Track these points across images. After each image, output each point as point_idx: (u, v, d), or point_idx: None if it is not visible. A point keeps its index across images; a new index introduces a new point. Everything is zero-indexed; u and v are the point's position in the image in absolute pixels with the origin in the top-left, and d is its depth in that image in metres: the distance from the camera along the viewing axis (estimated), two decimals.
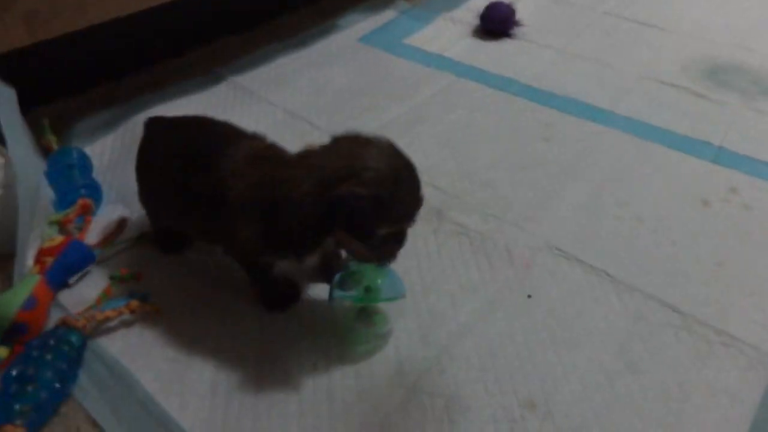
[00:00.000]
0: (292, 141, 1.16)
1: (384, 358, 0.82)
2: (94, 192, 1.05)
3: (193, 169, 0.81)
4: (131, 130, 1.23)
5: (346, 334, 0.85)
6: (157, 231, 0.98)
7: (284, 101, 1.35)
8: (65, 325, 0.79)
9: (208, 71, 1.45)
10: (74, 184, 1.03)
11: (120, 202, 1.08)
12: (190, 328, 0.86)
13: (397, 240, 0.78)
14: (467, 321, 0.87)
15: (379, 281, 0.83)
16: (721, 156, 1.22)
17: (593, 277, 0.95)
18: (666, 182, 1.15)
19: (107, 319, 0.83)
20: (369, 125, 1.28)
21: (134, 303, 0.85)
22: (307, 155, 0.77)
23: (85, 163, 1.10)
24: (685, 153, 1.22)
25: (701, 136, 1.27)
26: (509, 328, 0.86)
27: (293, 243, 0.77)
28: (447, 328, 0.86)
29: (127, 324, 0.86)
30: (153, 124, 0.93)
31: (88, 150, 1.16)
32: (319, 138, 1.21)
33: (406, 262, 0.94)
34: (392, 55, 1.55)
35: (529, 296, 0.91)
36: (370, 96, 1.38)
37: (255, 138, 0.85)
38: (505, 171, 1.16)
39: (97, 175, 1.11)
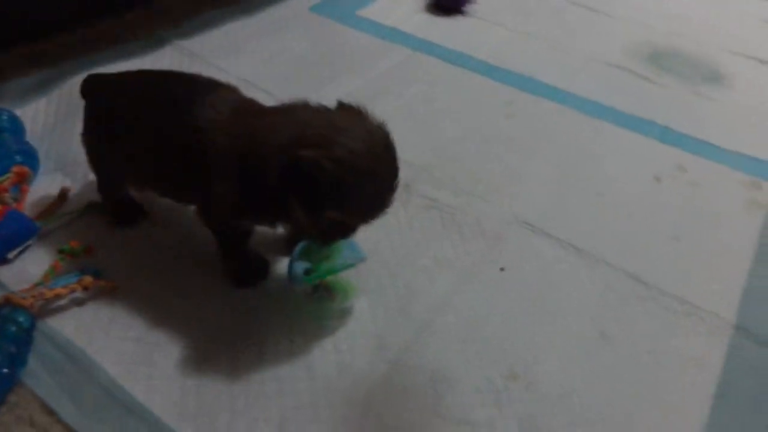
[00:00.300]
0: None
1: (364, 332, 0.80)
2: (31, 159, 0.94)
3: (166, 120, 0.74)
4: (67, 94, 1.12)
5: (308, 310, 0.81)
6: (109, 201, 0.89)
7: (237, 68, 1.28)
8: (10, 303, 0.71)
9: (151, 34, 1.35)
10: (7, 150, 0.92)
11: (59, 171, 0.98)
12: (152, 306, 0.79)
13: (343, 230, 0.73)
14: (445, 294, 0.86)
15: (336, 249, 0.78)
16: (667, 135, 1.27)
17: (561, 250, 0.96)
18: (620, 159, 1.18)
19: (57, 296, 0.76)
20: (329, 96, 1.21)
21: (87, 279, 0.77)
22: (293, 109, 0.71)
23: (16, 127, 0.99)
24: (634, 131, 1.26)
25: (647, 116, 1.31)
26: (486, 301, 0.86)
27: (264, 205, 0.71)
28: (425, 302, 0.85)
29: (79, 302, 0.78)
30: (97, 81, 0.84)
31: (19, 113, 1.04)
32: None
33: (376, 235, 0.91)
34: (346, 27, 1.50)
35: (502, 269, 0.91)
36: (327, 67, 1.33)
37: (231, 88, 0.78)
38: (471, 145, 1.16)
39: (31, 141, 1.00)
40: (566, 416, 0.73)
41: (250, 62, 1.31)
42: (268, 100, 1.18)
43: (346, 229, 0.73)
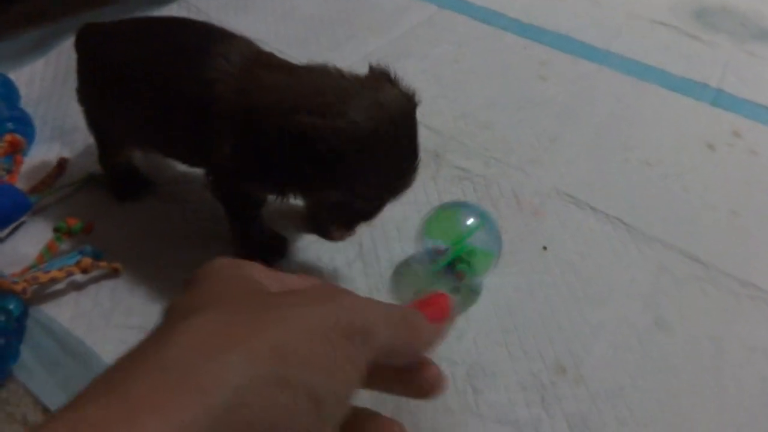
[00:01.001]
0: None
1: None
2: (25, 126, 0.86)
3: (172, 71, 0.65)
4: (66, 54, 1.03)
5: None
6: (110, 170, 0.81)
7: (248, 28, 1.15)
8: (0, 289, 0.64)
9: None
10: None
11: (57, 139, 0.90)
12: (157, 289, 0.72)
13: (360, 214, 0.65)
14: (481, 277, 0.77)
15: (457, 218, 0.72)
16: (720, 98, 1.15)
17: (608, 226, 0.86)
18: (668, 125, 1.07)
19: (53, 280, 0.68)
20: (348, 57, 1.13)
21: (86, 261, 0.70)
22: (310, 71, 0.63)
23: (10, 92, 0.91)
24: (684, 95, 1.15)
25: (698, 78, 1.20)
26: (527, 283, 0.77)
27: (268, 172, 0.62)
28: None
29: (78, 287, 0.71)
30: (93, 30, 0.75)
31: (13, 77, 0.96)
32: None
33: (403, 211, 0.83)
34: None
35: (545, 248, 0.82)
36: (345, 26, 1.23)
37: (246, 40, 0.69)
38: (503, 111, 1.06)
39: (26, 107, 0.92)
40: (619, 414, 0.65)
41: (262, 20, 1.21)
42: None
43: (365, 213, 0.66)
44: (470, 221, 0.72)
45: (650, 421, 0.65)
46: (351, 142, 0.55)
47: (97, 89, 0.74)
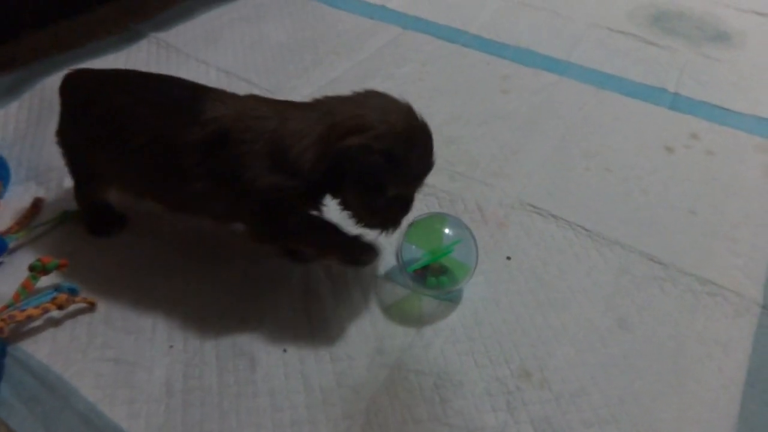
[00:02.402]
0: None
1: (361, 335, 0.74)
2: (1, 169, 0.89)
3: (170, 121, 0.69)
4: (39, 96, 1.06)
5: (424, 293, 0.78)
6: (86, 207, 0.84)
7: (217, 59, 1.21)
8: None
9: (125, 28, 1.28)
10: None
11: (32, 180, 0.92)
12: (133, 322, 0.74)
13: (403, 205, 0.72)
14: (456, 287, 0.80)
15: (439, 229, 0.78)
16: (678, 102, 1.19)
17: (570, 232, 0.89)
18: (628, 131, 1.11)
19: (30, 318, 0.70)
20: (315, 82, 1.16)
21: (62, 297, 0.72)
22: (318, 102, 0.70)
23: None
24: (643, 100, 1.19)
25: (656, 83, 1.24)
26: (492, 293, 0.80)
27: (302, 187, 0.67)
28: (426, 299, 0.79)
29: (55, 323, 0.73)
30: (79, 77, 0.77)
31: None
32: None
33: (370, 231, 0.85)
34: (332, 8, 1.43)
35: (509, 258, 0.85)
36: (312, 51, 1.26)
37: (220, 90, 0.75)
38: (466, 126, 1.09)
39: (1, 150, 0.94)
40: (583, 415, 0.67)
41: (230, 52, 1.24)
42: (250, 90, 1.13)
43: (406, 201, 0.72)
44: (450, 233, 0.77)
45: (614, 420, 0.67)
46: (396, 140, 0.64)
47: (83, 134, 0.76)
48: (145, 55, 1.21)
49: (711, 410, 0.69)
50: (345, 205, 0.71)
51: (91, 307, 0.74)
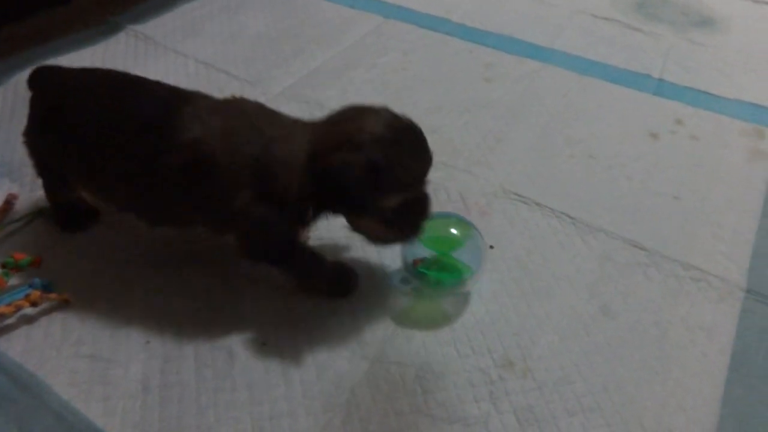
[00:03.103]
0: (209, 94, 1.02)
1: (341, 327, 0.73)
2: None
3: (144, 139, 0.66)
4: (13, 91, 1.04)
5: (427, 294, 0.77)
6: (57, 204, 0.82)
7: (195, 51, 1.19)
8: None
9: (103, 20, 1.26)
10: None
11: (5, 176, 0.90)
12: (108, 318, 0.72)
13: (416, 209, 0.68)
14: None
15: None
16: (662, 88, 1.19)
17: (554, 220, 0.89)
18: (612, 117, 1.10)
19: (2, 316, 0.69)
20: (295, 73, 1.15)
21: (35, 294, 0.70)
22: (297, 123, 0.68)
23: None
24: (627, 87, 1.19)
25: (640, 69, 1.23)
26: (475, 281, 0.79)
27: (292, 210, 0.66)
28: (408, 290, 0.78)
29: (28, 320, 0.71)
30: (49, 74, 0.75)
31: None
32: (240, 89, 1.09)
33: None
34: None
35: (492, 247, 0.84)
36: (293, 42, 1.25)
37: (201, 94, 0.72)
38: (449, 115, 1.08)
39: None
40: (567, 403, 0.67)
41: (210, 43, 1.22)
42: (229, 82, 1.12)
43: (418, 205, 0.68)
44: (457, 232, 0.76)
45: (597, 408, 0.67)
46: (376, 147, 0.61)
47: (52, 140, 0.73)
48: (123, 48, 1.19)
49: (695, 396, 0.68)
50: (353, 227, 0.69)
51: (66, 303, 0.72)
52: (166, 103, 0.68)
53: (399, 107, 1.08)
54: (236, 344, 0.70)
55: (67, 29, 1.22)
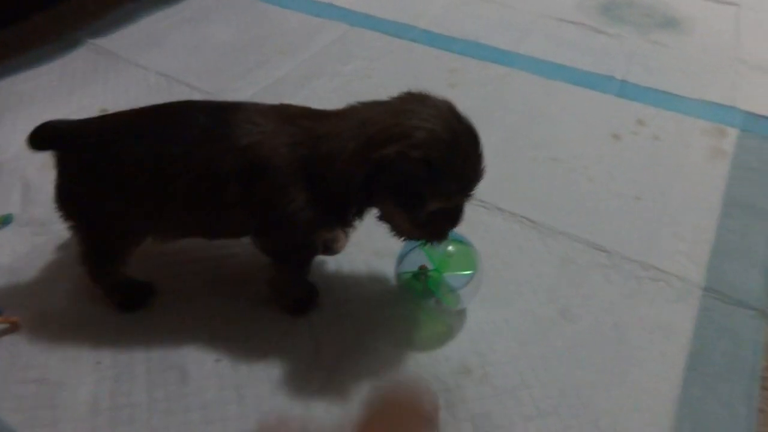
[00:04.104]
0: None
1: (296, 341, 0.72)
2: None
3: (197, 153, 0.63)
4: None
5: (425, 312, 0.76)
6: (113, 288, 0.74)
7: (157, 64, 1.18)
8: None
9: (62, 35, 1.24)
10: None
11: None
12: (58, 340, 0.71)
13: (450, 218, 0.65)
14: (385, 289, 0.78)
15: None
16: (625, 89, 1.19)
17: (516, 225, 0.89)
18: (576, 120, 1.11)
19: None
20: (258, 83, 1.14)
21: None
22: (351, 110, 0.65)
23: None
24: (591, 89, 1.19)
25: (604, 71, 1.24)
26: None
27: (341, 210, 0.65)
28: (365, 299, 0.77)
29: None
30: (67, 130, 0.67)
31: None
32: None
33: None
34: (278, 7, 1.40)
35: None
36: (257, 52, 1.24)
37: (250, 103, 0.69)
38: None
39: None
40: (524, 409, 0.66)
41: (172, 55, 1.21)
42: (191, 94, 1.11)
43: (453, 214, 0.66)
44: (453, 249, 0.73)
45: (555, 413, 0.66)
46: (437, 147, 0.58)
47: (101, 194, 0.66)
48: (82, 63, 1.18)
49: (652, 397, 0.68)
50: (384, 217, 0.66)
51: (15, 327, 0.71)
52: (216, 113, 0.66)
53: None
54: (190, 363, 0.69)
55: (26, 46, 1.21)
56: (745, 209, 0.93)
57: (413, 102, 0.62)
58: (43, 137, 0.66)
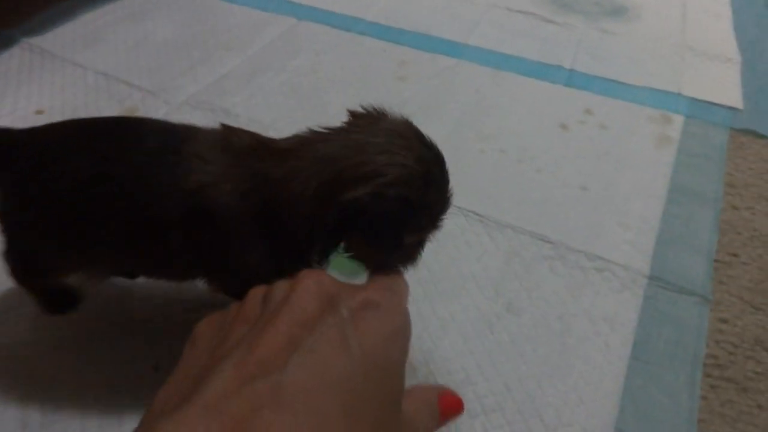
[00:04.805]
0: (109, 107, 0.99)
1: None
2: None
3: (139, 188, 0.56)
4: None
5: None
6: (36, 290, 0.69)
7: (95, 62, 1.14)
8: None
9: None
10: None
11: None
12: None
13: (419, 244, 0.62)
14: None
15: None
16: (573, 78, 1.20)
17: (462, 219, 0.88)
18: (524, 110, 1.10)
19: None
20: (201, 80, 1.11)
21: None
22: (306, 144, 0.56)
23: None
24: (539, 79, 1.19)
25: (553, 61, 1.24)
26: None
27: (303, 253, 0.57)
28: None
29: None
30: (11, 139, 0.60)
31: None
32: (141, 99, 1.05)
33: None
34: (223, 2, 1.37)
35: None
36: (201, 48, 1.21)
37: (208, 129, 0.60)
38: None
39: None
40: (468, 405, 0.65)
41: (111, 53, 1.17)
42: (130, 94, 1.07)
43: (422, 245, 0.62)
44: None
45: (499, 409, 0.66)
46: (410, 183, 0.52)
47: (28, 211, 0.60)
48: (17, 63, 1.13)
49: (596, 388, 0.68)
50: (354, 252, 0.60)
51: None
52: (166, 139, 0.58)
53: (309, 110, 1.06)
54: (126, 370, 0.66)
55: None
56: (690, 196, 0.94)
57: (372, 128, 0.56)
58: None
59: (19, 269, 0.66)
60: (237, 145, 0.58)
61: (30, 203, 0.59)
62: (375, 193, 0.51)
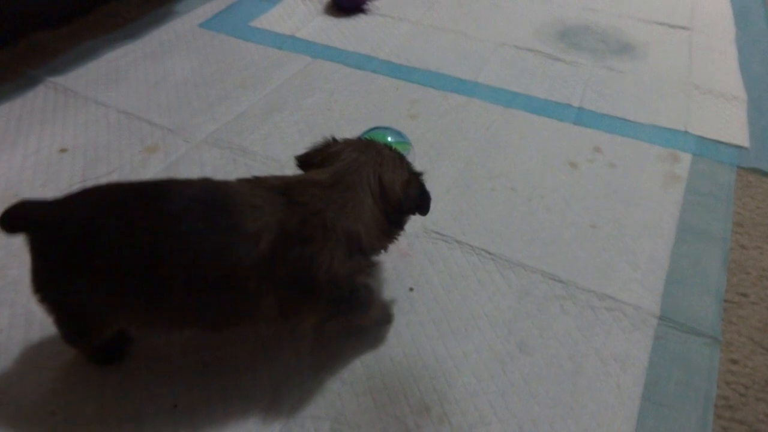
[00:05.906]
0: (129, 145, 1.02)
1: (256, 384, 0.72)
2: None
3: (201, 244, 0.60)
4: None
5: None
6: (92, 348, 0.72)
7: (117, 101, 1.18)
8: None
9: (19, 73, 1.23)
10: None
11: None
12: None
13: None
14: (344, 327, 0.78)
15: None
16: (582, 116, 1.22)
17: (474, 257, 0.90)
18: (534, 148, 1.13)
19: None
20: (220, 119, 1.14)
21: None
22: (334, 176, 0.69)
23: None
24: (548, 117, 1.21)
25: (561, 99, 1.27)
26: (394, 326, 0.79)
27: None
28: (323, 338, 0.77)
29: None
30: (44, 210, 0.62)
31: None
32: (162, 138, 1.08)
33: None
34: (240, 40, 1.41)
35: (411, 289, 0.84)
36: (218, 86, 1.24)
37: (242, 180, 0.67)
38: None
39: None
40: None
41: (133, 92, 1.21)
42: (151, 132, 1.10)
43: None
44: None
45: None
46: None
47: (85, 277, 0.61)
48: (41, 102, 1.17)
49: (608, 429, 0.69)
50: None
51: None
52: (208, 198, 0.63)
53: None
54: (145, 408, 0.68)
55: None
56: (698, 235, 0.95)
57: (371, 152, 0.72)
58: (15, 219, 0.61)
59: (72, 333, 0.69)
60: (270, 185, 0.66)
61: (82, 268, 0.60)
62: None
